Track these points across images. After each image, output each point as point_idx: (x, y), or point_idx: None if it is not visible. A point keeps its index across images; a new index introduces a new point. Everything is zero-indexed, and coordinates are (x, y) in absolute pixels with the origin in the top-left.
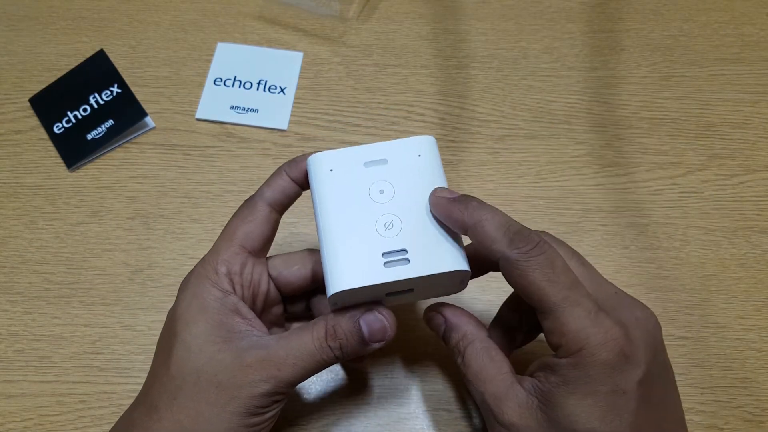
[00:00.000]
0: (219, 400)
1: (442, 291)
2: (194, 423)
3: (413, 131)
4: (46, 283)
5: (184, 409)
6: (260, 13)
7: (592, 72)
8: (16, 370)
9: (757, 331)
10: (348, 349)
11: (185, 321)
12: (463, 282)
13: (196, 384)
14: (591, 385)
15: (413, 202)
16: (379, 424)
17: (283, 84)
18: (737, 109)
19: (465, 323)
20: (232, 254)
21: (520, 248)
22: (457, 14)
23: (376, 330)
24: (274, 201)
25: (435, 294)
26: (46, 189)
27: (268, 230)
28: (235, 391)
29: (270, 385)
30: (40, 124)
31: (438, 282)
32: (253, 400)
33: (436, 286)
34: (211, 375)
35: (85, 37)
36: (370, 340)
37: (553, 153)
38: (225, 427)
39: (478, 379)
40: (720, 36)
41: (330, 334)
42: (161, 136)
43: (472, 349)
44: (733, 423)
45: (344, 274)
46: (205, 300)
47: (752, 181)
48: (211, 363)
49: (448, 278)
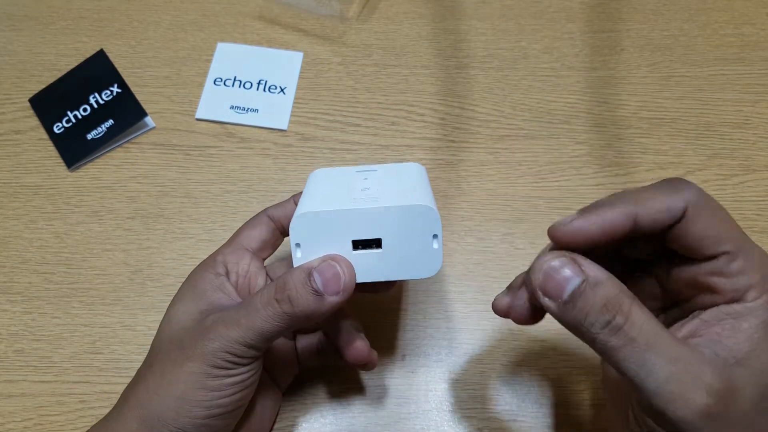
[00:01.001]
0: (178, 359)
1: (414, 255)
2: (159, 385)
3: (413, 131)
4: (46, 283)
5: (155, 373)
6: (260, 13)
7: (592, 72)
8: (16, 370)
9: None
10: (299, 303)
11: (175, 300)
12: (437, 246)
13: (168, 350)
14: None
15: (392, 183)
16: (379, 424)
17: (283, 84)
18: (737, 109)
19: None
20: (232, 249)
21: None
22: (457, 14)
23: (328, 278)
24: (276, 217)
25: (407, 263)
26: (46, 189)
27: (266, 234)
28: (190, 350)
29: (219, 343)
30: (40, 124)
31: (407, 232)
32: (205, 358)
33: (406, 243)
34: (177, 340)
35: (85, 37)
36: (324, 291)
37: (553, 153)
38: (182, 388)
39: (655, 350)
40: (720, 36)
41: (279, 287)
42: (161, 136)
43: (640, 305)
44: None
45: (309, 207)
46: (197, 281)
47: (752, 181)
48: (181, 331)
49: (416, 226)
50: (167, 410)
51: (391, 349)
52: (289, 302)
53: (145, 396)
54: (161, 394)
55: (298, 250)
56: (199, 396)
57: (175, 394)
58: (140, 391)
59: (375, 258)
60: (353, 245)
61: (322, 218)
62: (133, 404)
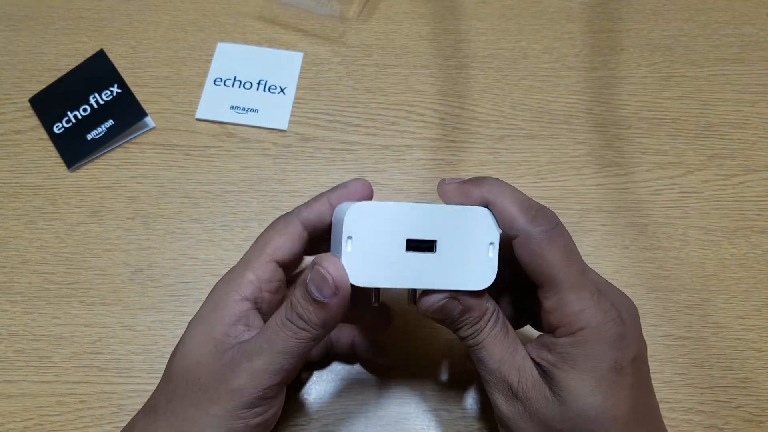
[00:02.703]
0: (201, 402)
1: (468, 264)
2: (184, 427)
3: (413, 131)
4: (46, 283)
5: (176, 411)
6: (260, 13)
7: (592, 72)
8: (16, 370)
9: (757, 331)
10: (310, 317)
11: (195, 320)
12: (492, 254)
13: (186, 387)
14: (591, 362)
15: None
16: (379, 424)
17: (283, 84)
18: (737, 109)
19: (483, 299)
20: (262, 263)
21: (542, 226)
22: (457, 14)
23: (318, 281)
24: (308, 222)
25: (459, 272)
26: (46, 189)
27: (298, 247)
28: (213, 392)
29: (244, 379)
30: (40, 124)
31: (464, 237)
32: (232, 398)
33: (460, 249)
34: (194, 378)
35: (85, 37)
36: (323, 297)
37: (553, 153)
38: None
39: (495, 353)
40: (720, 36)
41: (288, 308)
42: (161, 136)
43: (494, 321)
44: (733, 423)
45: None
46: (218, 303)
47: (752, 181)
48: (198, 366)
49: (474, 231)
50: None
51: (390, 349)
52: (302, 319)
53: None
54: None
55: (349, 243)
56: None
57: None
58: (160, 430)
59: (427, 262)
60: (407, 245)
61: (379, 211)
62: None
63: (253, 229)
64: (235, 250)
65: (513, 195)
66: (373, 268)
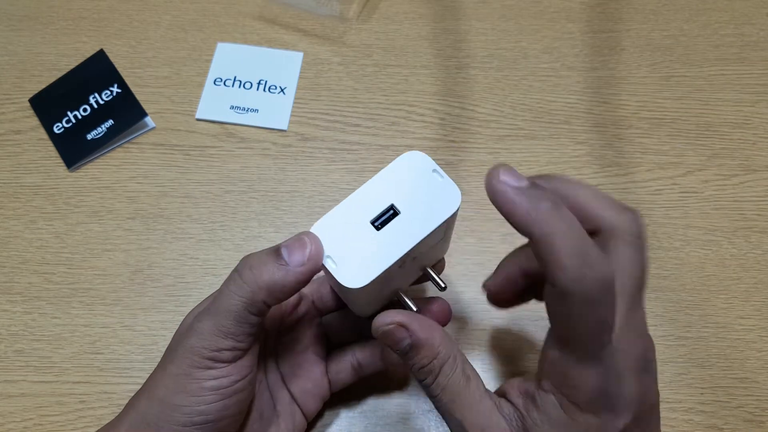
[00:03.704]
0: (164, 363)
1: (431, 200)
2: (147, 388)
3: (413, 131)
4: (46, 283)
5: (151, 375)
6: (260, 13)
7: (592, 72)
8: (16, 370)
9: (757, 331)
10: (262, 273)
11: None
12: (442, 178)
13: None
14: (576, 429)
15: None
16: (379, 424)
17: (283, 84)
18: (737, 109)
19: (438, 339)
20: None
21: (591, 290)
22: (457, 14)
23: (295, 248)
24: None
25: (430, 212)
26: (46, 189)
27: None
28: (173, 353)
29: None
30: (40, 124)
31: (410, 185)
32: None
33: (416, 194)
34: (170, 345)
35: (85, 37)
36: (289, 261)
37: (553, 153)
38: (164, 392)
39: (456, 405)
40: (720, 36)
41: (241, 265)
42: (161, 136)
43: (449, 369)
44: (733, 423)
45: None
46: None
47: (752, 181)
48: (176, 336)
49: (414, 174)
50: (151, 415)
51: None
52: (251, 271)
53: (135, 400)
54: (147, 397)
55: (330, 261)
56: (178, 400)
57: (158, 398)
58: (134, 397)
59: (401, 224)
60: (375, 227)
61: (333, 218)
62: (128, 408)
63: (253, 229)
64: (235, 250)
65: (567, 236)
66: (364, 263)
